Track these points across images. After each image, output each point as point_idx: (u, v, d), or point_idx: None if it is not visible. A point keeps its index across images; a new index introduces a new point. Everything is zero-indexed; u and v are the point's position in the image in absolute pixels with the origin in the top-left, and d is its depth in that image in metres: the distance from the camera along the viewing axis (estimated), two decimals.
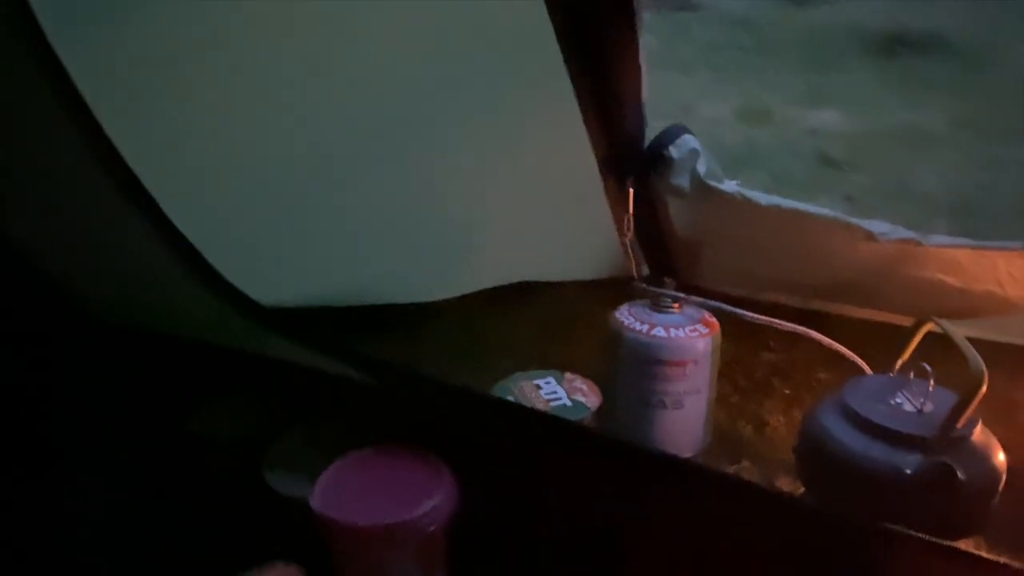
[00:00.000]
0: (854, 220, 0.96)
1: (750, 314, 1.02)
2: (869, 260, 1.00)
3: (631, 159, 1.06)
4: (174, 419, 0.96)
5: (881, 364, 1.00)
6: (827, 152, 2.25)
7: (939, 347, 0.96)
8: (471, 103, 0.99)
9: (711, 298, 1.26)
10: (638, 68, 0.97)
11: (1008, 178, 2.04)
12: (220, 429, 0.95)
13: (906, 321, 1.11)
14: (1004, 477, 0.78)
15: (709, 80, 2.93)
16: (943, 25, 3.13)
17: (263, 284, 0.85)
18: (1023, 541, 0.81)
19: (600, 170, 1.12)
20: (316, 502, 0.79)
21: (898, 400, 0.82)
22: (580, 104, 1.04)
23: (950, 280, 1.02)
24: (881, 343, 1.11)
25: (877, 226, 0.96)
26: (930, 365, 0.86)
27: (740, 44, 3.32)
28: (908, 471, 0.75)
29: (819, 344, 1.07)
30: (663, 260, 1.27)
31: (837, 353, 1.04)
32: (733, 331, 1.16)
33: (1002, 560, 0.66)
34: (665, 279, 1.22)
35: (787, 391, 1.17)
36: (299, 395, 0.95)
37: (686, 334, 1.00)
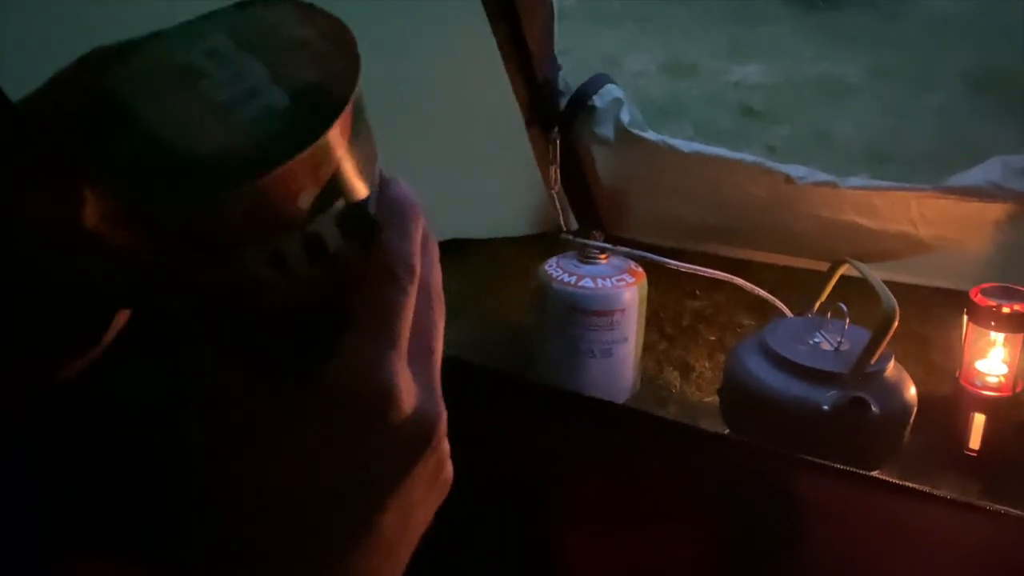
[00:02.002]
0: (773, 164, 0.98)
1: (674, 262, 1.04)
2: (788, 203, 1.02)
3: (552, 108, 1.05)
4: None
5: (801, 308, 1.03)
6: (749, 103, 2.28)
7: (855, 289, 1.00)
8: (388, 51, 0.96)
9: (638, 248, 1.28)
10: (550, 11, 0.96)
11: (920, 126, 2.11)
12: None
13: (824, 266, 1.15)
14: (915, 410, 0.81)
15: (635, 32, 2.93)
16: None
17: None
18: (930, 469, 0.86)
19: (525, 121, 1.11)
20: None
21: (816, 339, 0.85)
22: (501, 51, 1.03)
23: (865, 222, 1.05)
24: (801, 287, 1.15)
25: (795, 170, 0.98)
26: (847, 306, 0.89)
27: None
28: (825, 406, 0.78)
29: (742, 291, 1.10)
30: (591, 212, 1.28)
31: (760, 299, 1.07)
32: (659, 280, 1.17)
33: (908, 484, 0.70)
34: (593, 232, 1.23)
35: (712, 337, 1.19)
36: None
37: (613, 284, 1.01)
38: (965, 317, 0.92)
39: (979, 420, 0.90)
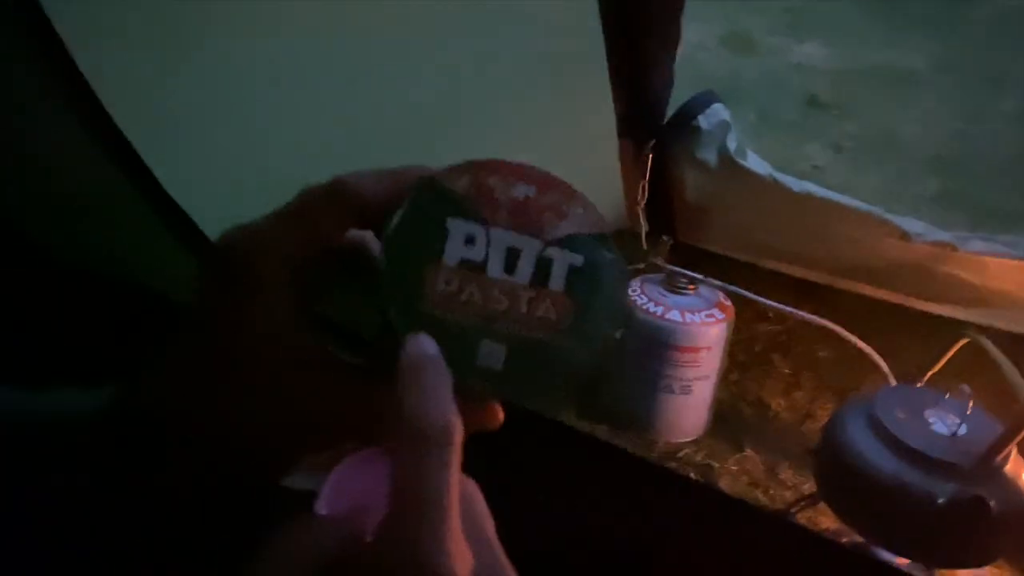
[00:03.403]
0: (890, 217, 0.91)
1: (768, 302, 0.98)
2: (893, 254, 0.96)
3: (654, 124, 0.98)
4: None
5: (881, 345, 0.98)
6: (813, 91, 2.18)
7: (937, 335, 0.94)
8: (485, 46, 0.89)
9: (711, 259, 1.22)
10: (678, 29, 0.88)
11: (990, 132, 2.02)
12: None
13: (908, 302, 1.09)
14: None
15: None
16: None
17: None
18: None
19: (618, 129, 1.04)
20: (322, 508, 0.73)
21: (931, 419, 0.79)
22: (608, 55, 0.95)
23: (968, 276, 0.99)
24: (882, 321, 1.09)
25: (912, 225, 0.91)
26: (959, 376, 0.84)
27: None
28: (941, 500, 0.73)
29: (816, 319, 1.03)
30: (664, 218, 1.21)
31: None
32: (731, 299, 1.11)
33: None
34: (663, 237, 1.17)
35: (787, 370, 1.14)
36: None
37: (702, 319, 0.96)
38: None
39: None
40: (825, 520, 0.85)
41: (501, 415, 0.33)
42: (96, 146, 0.65)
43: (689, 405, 0.99)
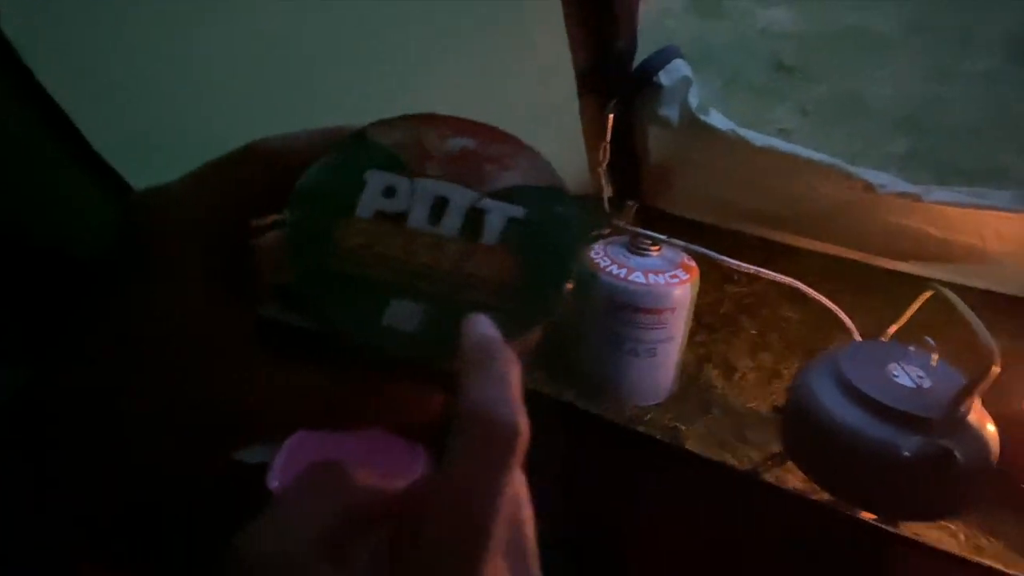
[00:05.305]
0: (853, 169, 0.90)
1: (735, 262, 0.96)
2: (862, 208, 0.94)
3: (617, 82, 0.95)
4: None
5: (848, 303, 0.97)
6: (779, 56, 2.16)
7: (906, 293, 0.93)
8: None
9: (676, 223, 1.21)
10: None
11: (961, 93, 2.01)
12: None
13: (873, 260, 1.08)
14: (997, 455, 0.76)
15: None
16: None
17: None
18: (1007, 518, 0.81)
19: (578, 86, 1.01)
20: (274, 480, 0.71)
21: (895, 372, 0.78)
22: (565, 9, 0.92)
23: (932, 231, 0.98)
24: (847, 280, 1.08)
25: (876, 177, 0.89)
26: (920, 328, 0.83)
27: None
28: (906, 453, 0.72)
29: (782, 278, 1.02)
30: (630, 181, 1.19)
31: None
32: (697, 261, 1.10)
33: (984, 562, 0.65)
34: (628, 202, 1.15)
35: (753, 331, 1.13)
36: None
37: (666, 280, 0.94)
38: None
39: None
40: (792, 479, 0.84)
41: (434, 406, 0.28)
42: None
43: (654, 367, 0.97)
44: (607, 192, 1.06)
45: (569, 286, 0.28)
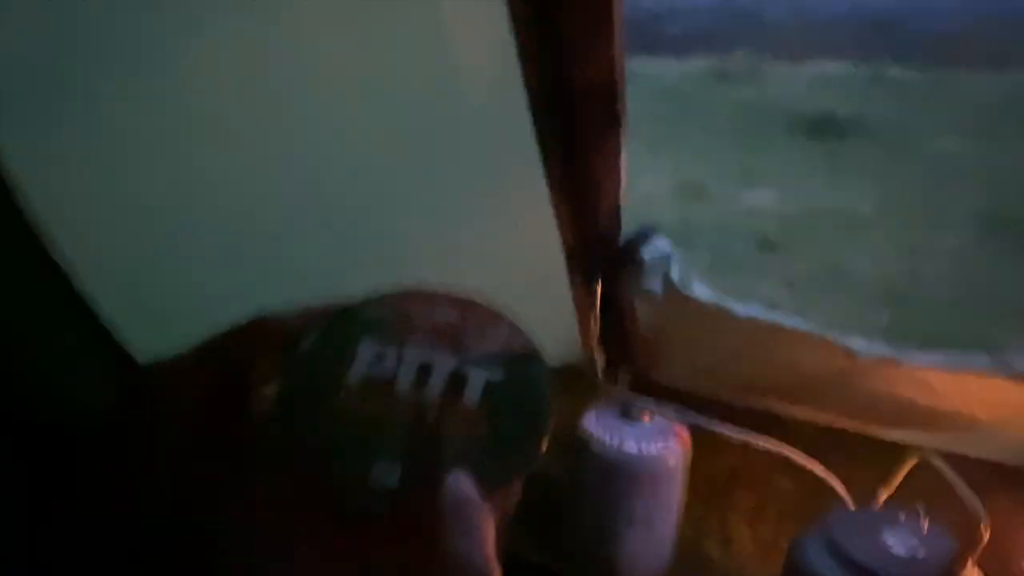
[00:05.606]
0: (833, 336, 0.93)
1: (726, 431, 0.98)
2: (841, 372, 0.97)
3: (602, 260, 1.01)
4: None
5: (843, 473, 0.97)
6: (764, 233, 2.28)
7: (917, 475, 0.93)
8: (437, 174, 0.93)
9: (667, 393, 1.22)
10: (619, 171, 0.93)
11: (937, 267, 2.10)
12: None
13: (863, 428, 1.09)
14: None
15: (644, 152, 2.95)
16: (864, 111, 3.26)
17: None
18: None
19: (568, 265, 1.07)
20: None
21: (888, 541, 0.78)
22: (552, 194, 0.99)
23: (918, 398, 1.00)
24: (838, 447, 1.09)
25: (855, 343, 0.93)
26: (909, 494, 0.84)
27: (672, 116, 3.38)
28: None
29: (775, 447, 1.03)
30: (621, 351, 1.22)
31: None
32: (689, 430, 1.11)
33: None
34: (621, 371, 1.18)
35: (749, 501, 1.12)
36: None
37: (659, 449, 0.95)
38: None
39: None
40: None
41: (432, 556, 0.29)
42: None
43: (651, 537, 0.97)
44: (600, 362, 1.09)
45: (544, 444, 0.30)
